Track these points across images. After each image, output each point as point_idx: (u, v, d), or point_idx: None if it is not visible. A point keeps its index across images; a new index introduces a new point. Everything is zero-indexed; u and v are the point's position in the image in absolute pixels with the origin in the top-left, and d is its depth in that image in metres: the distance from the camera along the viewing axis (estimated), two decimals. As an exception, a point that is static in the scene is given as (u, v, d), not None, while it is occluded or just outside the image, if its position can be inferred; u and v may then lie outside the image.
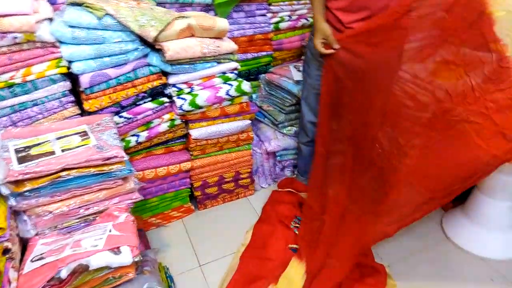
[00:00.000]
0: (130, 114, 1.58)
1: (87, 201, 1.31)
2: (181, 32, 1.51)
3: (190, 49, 1.53)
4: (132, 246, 1.20)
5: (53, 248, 1.21)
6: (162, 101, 1.64)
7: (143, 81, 1.57)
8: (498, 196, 1.66)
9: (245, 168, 2.04)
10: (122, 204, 1.38)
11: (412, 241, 1.79)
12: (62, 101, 1.45)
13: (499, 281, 1.60)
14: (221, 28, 1.59)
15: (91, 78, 1.44)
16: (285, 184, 2.14)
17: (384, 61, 1.54)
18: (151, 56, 1.55)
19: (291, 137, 2.14)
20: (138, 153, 1.74)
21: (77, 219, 1.32)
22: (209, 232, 1.90)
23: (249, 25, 2.03)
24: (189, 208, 2.01)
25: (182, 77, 1.62)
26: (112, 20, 1.41)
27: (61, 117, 1.47)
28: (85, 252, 1.14)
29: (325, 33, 1.55)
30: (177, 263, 1.72)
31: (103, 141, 1.33)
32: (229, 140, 1.89)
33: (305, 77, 1.84)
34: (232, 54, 1.69)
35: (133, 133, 1.65)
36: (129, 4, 1.50)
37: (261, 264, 1.66)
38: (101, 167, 1.28)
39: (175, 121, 1.71)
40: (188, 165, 1.83)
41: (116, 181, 1.34)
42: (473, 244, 1.74)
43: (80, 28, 1.38)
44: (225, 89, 1.70)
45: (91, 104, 1.48)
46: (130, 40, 1.47)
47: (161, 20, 1.46)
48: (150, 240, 1.82)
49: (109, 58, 1.46)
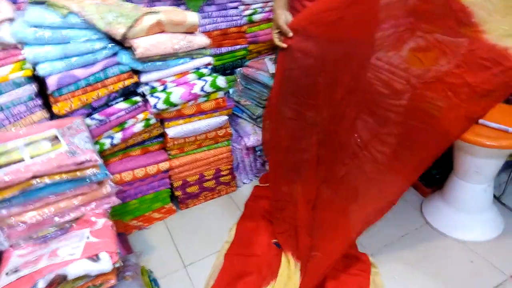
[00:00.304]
0: (102, 115, 1.53)
1: (62, 208, 1.26)
2: (151, 28, 1.46)
3: (161, 45, 1.49)
4: (111, 252, 1.17)
5: (29, 260, 1.17)
6: (135, 101, 1.59)
7: (114, 80, 1.51)
8: (473, 180, 1.69)
9: (226, 165, 2.01)
10: (99, 209, 1.35)
11: (394, 229, 1.81)
12: (29, 105, 1.38)
13: (479, 263, 1.64)
14: (192, 22, 1.55)
15: (58, 80, 1.38)
16: (266, 178, 2.12)
17: (348, 43, 1.49)
18: (121, 54, 1.50)
19: (270, 131, 2.12)
20: (114, 155, 1.69)
21: (53, 227, 1.28)
22: (193, 232, 1.88)
23: (222, 18, 1.99)
24: (170, 208, 1.97)
25: (154, 75, 1.58)
26: (77, 18, 1.35)
27: (29, 122, 1.41)
28: (62, 262, 1.11)
29: (277, 22, 1.41)
30: (161, 266, 1.68)
31: (75, 145, 1.28)
32: (207, 137, 1.86)
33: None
34: (205, 49, 1.65)
35: (107, 135, 1.60)
36: (94, 1, 1.44)
37: (246, 261, 1.65)
38: (74, 173, 1.23)
39: (150, 120, 1.67)
40: (166, 165, 1.79)
41: (91, 186, 1.30)
42: (452, 228, 1.77)
43: (43, 28, 1.32)
44: (199, 85, 1.66)
45: (60, 107, 1.42)
46: (97, 39, 1.41)
47: (129, 16, 1.41)
48: (132, 244, 1.78)
49: (77, 58, 1.39)
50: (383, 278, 1.59)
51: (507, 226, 1.80)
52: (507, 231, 1.78)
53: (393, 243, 1.75)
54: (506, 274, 1.58)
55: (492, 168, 1.64)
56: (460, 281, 1.56)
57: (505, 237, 1.76)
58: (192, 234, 1.86)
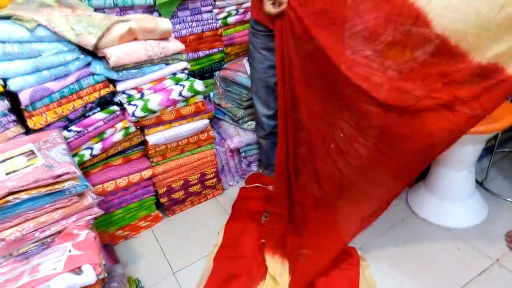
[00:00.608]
0: (80, 127, 1.52)
1: (42, 223, 1.24)
2: (123, 37, 1.45)
3: (134, 53, 1.48)
4: (95, 263, 1.15)
5: (9, 278, 1.15)
6: (113, 110, 1.58)
7: (89, 91, 1.50)
8: (454, 167, 1.71)
9: (210, 168, 2.01)
10: (81, 221, 1.33)
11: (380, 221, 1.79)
12: (2, 121, 1.36)
13: (466, 249, 1.66)
14: (164, 28, 1.54)
15: (31, 94, 1.36)
16: (252, 179, 2.13)
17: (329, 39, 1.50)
18: (94, 65, 1.49)
19: (253, 132, 2.12)
20: (95, 166, 1.68)
21: (34, 243, 1.26)
22: (180, 238, 1.87)
23: (196, 22, 1.99)
24: (157, 216, 1.96)
25: (130, 83, 1.57)
26: (45, 31, 1.33)
27: (4, 139, 1.38)
28: (44, 277, 1.09)
29: None
30: (150, 274, 1.67)
31: (52, 159, 1.27)
32: (189, 142, 1.85)
33: (252, 72, 1.82)
34: (180, 54, 1.65)
35: (86, 146, 1.59)
36: (62, 13, 1.43)
37: (235, 263, 1.65)
38: (52, 186, 1.21)
39: (130, 128, 1.66)
40: (149, 172, 1.78)
41: (71, 199, 1.28)
42: (438, 216, 1.79)
43: (11, 43, 1.30)
44: (177, 91, 1.65)
45: (35, 121, 1.41)
46: (68, 50, 1.40)
47: (100, 26, 1.40)
48: (120, 254, 1.76)
49: (48, 71, 1.38)
50: (372, 270, 1.59)
51: (491, 210, 1.82)
52: (491, 216, 1.80)
53: (381, 235, 1.76)
54: (492, 258, 1.60)
55: (472, 154, 1.66)
56: (448, 268, 1.58)
57: (489, 221, 1.78)
58: (180, 240, 1.85)
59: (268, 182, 2.04)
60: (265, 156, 2.05)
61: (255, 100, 1.85)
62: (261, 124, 1.91)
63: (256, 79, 1.79)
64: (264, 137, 1.95)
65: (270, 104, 1.78)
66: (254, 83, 1.81)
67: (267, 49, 1.63)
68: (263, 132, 1.93)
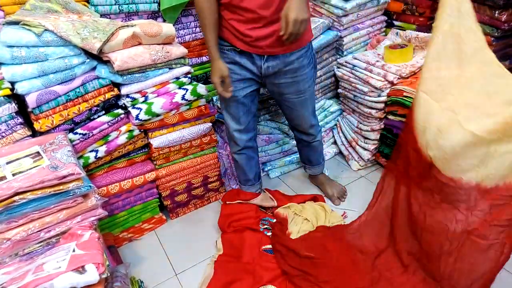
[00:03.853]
0: (85, 129, 1.55)
1: (47, 223, 1.27)
2: (127, 41, 1.48)
3: (139, 57, 1.51)
4: (98, 263, 1.17)
5: (14, 276, 1.17)
6: (117, 113, 1.61)
7: (94, 94, 1.54)
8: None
9: (213, 171, 2.03)
10: (86, 222, 1.35)
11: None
12: (10, 124, 1.40)
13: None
14: (168, 33, 1.58)
15: (37, 97, 1.40)
16: (231, 196, 2.00)
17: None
18: (100, 69, 1.52)
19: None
20: (100, 169, 1.71)
21: (39, 243, 1.29)
22: (183, 240, 1.88)
23: (200, 28, 2.02)
24: (160, 218, 1.98)
25: (134, 87, 1.60)
26: (52, 35, 1.37)
27: (11, 141, 1.42)
28: (48, 276, 1.11)
29: (223, 73, 1.53)
30: (153, 275, 1.69)
31: (57, 160, 1.30)
32: (192, 145, 1.87)
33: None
34: (183, 59, 1.68)
35: (91, 149, 1.62)
36: (69, 18, 1.47)
37: (238, 267, 1.65)
38: (57, 187, 1.24)
39: (134, 131, 1.69)
40: (152, 175, 1.81)
41: (76, 200, 1.31)
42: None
43: (19, 47, 1.34)
44: (180, 94, 1.68)
45: (41, 124, 1.44)
46: (74, 55, 1.43)
47: (104, 31, 1.44)
48: (123, 256, 1.78)
49: (54, 75, 1.42)
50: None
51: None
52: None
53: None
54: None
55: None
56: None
57: None
58: (183, 242, 1.87)
59: (249, 197, 1.96)
60: (241, 172, 1.95)
61: (225, 117, 1.77)
62: (234, 140, 1.83)
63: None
64: (238, 153, 1.87)
65: (240, 119, 1.73)
66: (224, 99, 1.70)
67: (234, 63, 1.59)
68: (236, 147, 1.84)
